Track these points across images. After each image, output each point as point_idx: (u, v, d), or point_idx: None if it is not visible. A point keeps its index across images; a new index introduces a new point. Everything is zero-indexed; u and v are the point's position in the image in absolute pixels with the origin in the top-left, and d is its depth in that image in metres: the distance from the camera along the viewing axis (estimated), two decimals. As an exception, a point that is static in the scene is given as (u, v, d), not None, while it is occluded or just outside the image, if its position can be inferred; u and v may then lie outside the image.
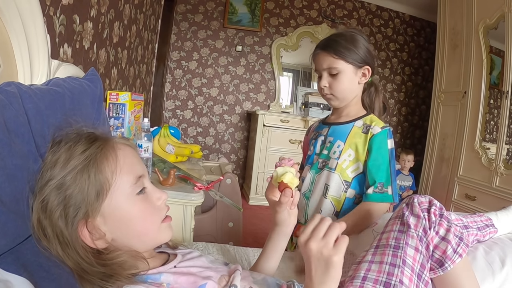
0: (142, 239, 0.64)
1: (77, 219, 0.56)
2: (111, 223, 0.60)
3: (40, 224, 0.57)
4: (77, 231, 0.57)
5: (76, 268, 0.57)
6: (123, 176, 0.60)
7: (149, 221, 0.63)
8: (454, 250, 0.78)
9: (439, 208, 0.83)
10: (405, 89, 4.43)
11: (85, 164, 0.57)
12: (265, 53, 4.06)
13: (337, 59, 1.12)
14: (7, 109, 0.62)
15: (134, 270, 0.60)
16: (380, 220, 1.14)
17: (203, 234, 2.08)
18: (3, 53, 0.76)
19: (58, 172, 0.56)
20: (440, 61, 3.36)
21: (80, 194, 0.56)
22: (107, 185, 0.58)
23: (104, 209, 0.59)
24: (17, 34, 0.78)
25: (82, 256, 0.57)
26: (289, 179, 0.80)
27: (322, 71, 1.16)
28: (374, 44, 4.25)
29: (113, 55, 1.79)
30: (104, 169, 0.58)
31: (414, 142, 4.52)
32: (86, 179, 0.56)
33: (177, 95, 3.95)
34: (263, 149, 3.55)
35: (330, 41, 1.15)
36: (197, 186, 1.36)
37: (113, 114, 1.64)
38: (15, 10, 0.74)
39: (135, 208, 0.61)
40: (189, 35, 3.89)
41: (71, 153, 0.58)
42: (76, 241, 0.57)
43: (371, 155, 1.13)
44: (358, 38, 1.15)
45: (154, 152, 1.82)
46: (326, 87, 1.17)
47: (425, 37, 4.37)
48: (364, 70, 1.16)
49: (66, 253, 0.57)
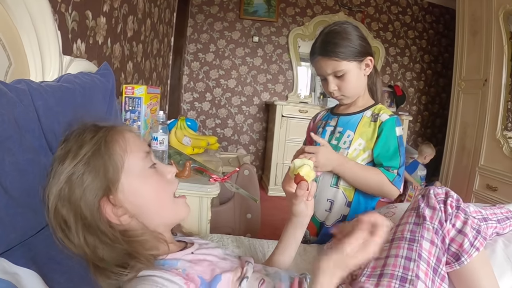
0: (161, 214, 0.66)
1: (98, 198, 0.59)
2: (131, 198, 0.62)
3: (58, 213, 0.58)
4: (100, 210, 0.59)
5: (94, 256, 0.58)
6: (134, 153, 0.64)
7: (164, 193, 0.67)
8: (471, 244, 0.75)
9: (456, 199, 0.81)
10: (424, 77, 4.30)
11: (96, 147, 0.60)
12: (282, 43, 4.00)
13: (339, 61, 1.10)
14: (17, 106, 0.63)
15: (155, 251, 0.62)
16: (397, 210, 1.11)
17: (221, 226, 2.09)
18: (14, 51, 0.78)
19: (71, 160, 0.59)
20: (459, 49, 3.27)
21: (97, 175, 0.59)
22: (121, 161, 0.61)
23: (122, 185, 0.61)
24: (27, 31, 0.79)
25: (107, 233, 0.58)
26: (305, 172, 0.81)
27: (327, 75, 1.15)
28: (392, 32, 4.13)
29: (128, 49, 1.80)
30: (115, 149, 0.62)
31: (435, 132, 4.40)
32: (100, 159, 0.59)
33: (195, 87, 3.97)
34: (282, 140, 3.53)
35: (327, 45, 1.11)
36: (213, 178, 1.36)
37: (129, 107, 1.66)
38: (23, 8, 0.76)
39: (150, 181, 0.65)
40: (205, 27, 3.88)
41: (81, 141, 0.61)
42: (99, 220, 0.59)
43: (379, 140, 1.12)
44: (350, 30, 1.12)
45: (171, 145, 1.84)
46: (335, 90, 1.16)
47: (444, 24, 4.22)
48: (366, 61, 1.15)
49: (86, 238, 0.58)
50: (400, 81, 4.24)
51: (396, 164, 1.10)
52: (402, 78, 4.24)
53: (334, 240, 0.67)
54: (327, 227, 1.20)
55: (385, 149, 1.11)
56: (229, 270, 0.67)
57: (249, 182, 2.22)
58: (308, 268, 1.10)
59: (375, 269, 0.77)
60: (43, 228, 0.66)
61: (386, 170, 1.10)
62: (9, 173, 0.59)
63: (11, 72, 0.77)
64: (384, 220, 0.61)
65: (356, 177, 1.11)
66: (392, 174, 1.09)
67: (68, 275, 0.63)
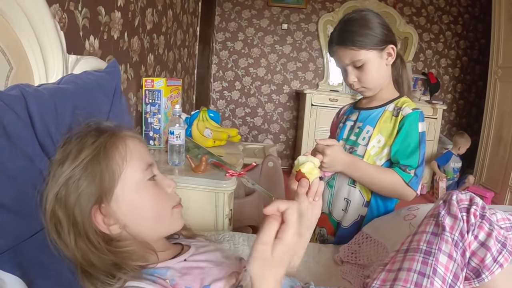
0: (154, 225, 0.64)
1: (91, 204, 0.57)
2: (124, 208, 0.60)
3: (54, 215, 0.57)
4: (91, 217, 0.58)
5: (84, 261, 0.57)
6: (133, 162, 0.62)
7: (161, 206, 0.65)
8: (494, 259, 0.67)
9: (481, 207, 0.72)
10: (460, 64, 4.04)
11: (96, 153, 0.58)
12: (311, 30, 3.89)
13: (357, 50, 1.02)
14: (7, 114, 0.63)
15: (142, 262, 0.60)
16: (418, 212, 1.03)
17: (245, 218, 2.08)
18: (15, 54, 0.78)
19: (70, 163, 0.57)
20: (496, 34, 3.03)
21: (93, 181, 0.57)
22: (118, 170, 0.59)
23: (117, 194, 0.59)
24: (26, 34, 0.78)
25: (94, 242, 0.57)
26: (307, 169, 0.78)
27: (346, 66, 1.07)
28: (425, 17, 3.89)
29: (148, 41, 1.80)
30: (114, 156, 0.60)
31: (470, 121, 4.15)
32: (98, 166, 0.58)
33: (224, 76, 3.95)
34: (312, 129, 3.46)
35: (344, 33, 1.04)
36: (229, 173, 1.34)
37: (149, 100, 1.67)
38: (19, 11, 0.75)
39: (147, 193, 0.63)
40: (233, 16, 3.83)
41: (82, 144, 0.59)
42: (89, 227, 0.57)
43: (399, 136, 1.04)
44: (370, 17, 1.04)
45: (193, 137, 1.83)
46: (355, 82, 1.08)
47: (481, 8, 3.90)
48: (388, 49, 1.06)
49: (77, 243, 0.57)
50: (434, 68, 4.01)
51: (414, 163, 1.02)
52: (436, 65, 4.02)
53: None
54: (344, 228, 1.14)
55: (404, 145, 1.03)
56: (220, 279, 0.64)
57: (273, 174, 2.19)
58: (321, 272, 1.06)
59: (385, 282, 0.71)
60: (35, 233, 0.66)
61: (403, 170, 1.02)
62: (-3, 181, 0.58)
63: (12, 76, 0.77)
64: (286, 204, 0.55)
65: (368, 179, 1.05)
66: (408, 175, 1.02)
67: (55, 279, 0.63)
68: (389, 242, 0.96)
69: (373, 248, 1.01)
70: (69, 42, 0.99)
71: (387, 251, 0.95)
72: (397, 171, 1.03)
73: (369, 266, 0.97)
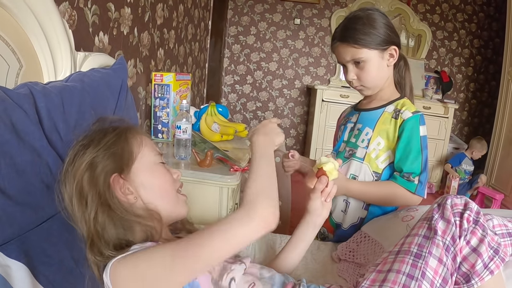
0: (164, 201, 0.71)
1: (112, 173, 0.65)
2: (140, 181, 0.68)
3: (80, 185, 0.63)
4: (111, 186, 0.65)
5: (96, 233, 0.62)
6: (148, 147, 0.72)
7: (168, 186, 0.74)
8: (484, 265, 0.67)
9: (476, 212, 0.72)
10: (473, 63, 3.97)
11: (117, 137, 0.68)
12: (324, 26, 3.86)
13: (359, 48, 1.02)
14: (16, 112, 0.66)
15: (150, 223, 0.66)
16: (417, 214, 1.03)
17: (251, 212, 2.10)
18: (24, 53, 0.81)
19: (94, 147, 0.66)
20: (510, 34, 2.95)
21: (114, 156, 0.66)
22: (136, 151, 0.70)
23: (133, 171, 0.68)
24: (34, 32, 0.81)
25: (114, 207, 0.64)
26: (329, 169, 0.85)
27: (346, 63, 1.07)
28: (439, 15, 3.83)
29: (158, 36, 1.82)
30: (132, 142, 0.70)
31: (482, 121, 4.09)
32: (119, 145, 0.67)
33: (236, 70, 3.96)
34: (322, 125, 3.46)
35: (347, 30, 1.04)
36: (233, 168, 1.36)
37: (158, 94, 1.70)
38: (27, 9, 0.78)
39: (159, 172, 0.72)
40: (245, 10, 3.83)
41: (104, 132, 0.69)
42: (110, 195, 0.64)
43: (400, 142, 1.04)
44: (376, 16, 1.03)
45: (201, 131, 1.86)
46: (355, 80, 1.08)
47: (496, 7, 3.82)
48: (390, 50, 1.05)
49: (96, 214, 0.63)
50: (447, 67, 3.95)
51: (417, 169, 1.01)
52: (449, 63, 3.96)
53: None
54: (343, 230, 1.15)
55: (406, 152, 1.03)
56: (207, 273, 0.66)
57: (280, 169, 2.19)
58: (317, 268, 1.07)
59: (374, 282, 0.72)
60: (40, 223, 0.69)
61: (406, 178, 1.02)
62: (5, 175, 0.62)
63: (22, 74, 0.80)
64: None
65: (366, 194, 1.08)
66: (412, 184, 1.02)
67: (57, 266, 0.68)
68: (386, 242, 0.97)
69: (371, 247, 1.02)
70: (78, 38, 1.03)
71: (384, 251, 0.96)
72: (400, 183, 1.03)
73: (365, 265, 0.98)
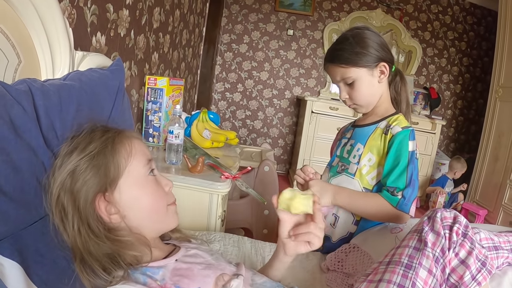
0: (151, 219, 0.68)
1: (95, 192, 0.61)
2: (126, 200, 0.64)
3: (60, 200, 0.61)
4: (94, 204, 0.61)
5: (83, 248, 0.60)
6: (138, 159, 0.67)
7: (159, 201, 0.69)
8: (472, 277, 0.69)
9: (464, 226, 0.74)
10: (462, 81, 4.09)
11: (104, 145, 0.63)
12: (317, 38, 3.92)
13: (347, 68, 1.04)
14: (14, 108, 0.65)
15: (137, 253, 0.63)
16: (405, 226, 1.05)
17: (238, 220, 2.10)
18: (24, 48, 0.80)
19: (78, 154, 0.62)
20: (499, 54, 3.03)
21: (99, 171, 0.61)
22: (123, 164, 0.64)
23: (120, 186, 0.64)
24: (36, 29, 0.81)
25: (94, 228, 0.61)
26: (288, 204, 0.71)
27: (337, 83, 1.10)
28: (430, 32, 3.94)
29: (154, 40, 1.82)
30: (120, 151, 0.65)
31: (469, 138, 4.20)
32: (104, 158, 0.62)
33: (227, 77, 3.98)
34: (310, 136, 3.48)
35: (335, 51, 1.06)
36: (224, 175, 1.36)
37: (151, 98, 1.70)
38: (30, 6, 0.77)
39: (148, 187, 0.67)
40: (240, 18, 3.87)
41: (91, 138, 0.64)
42: (91, 214, 0.61)
43: (388, 156, 1.03)
44: (365, 35, 1.04)
45: (192, 137, 1.85)
46: (347, 99, 1.10)
47: (486, 27, 3.97)
48: (380, 67, 1.06)
49: (80, 229, 0.60)
50: (436, 83, 4.05)
51: (402, 184, 0.99)
52: (438, 80, 4.06)
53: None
54: (332, 243, 1.15)
55: (393, 167, 1.01)
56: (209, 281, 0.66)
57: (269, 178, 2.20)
58: (306, 277, 1.08)
59: None
60: (34, 222, 0.68)
61: (391, 193, 1.00)
62: (2, 171, 0.61)
63: (20, 69, 0.80)
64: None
65: (352, 205, 1.06)
66: (395, 198, 0.99)
67: (50, 266, 0.67)
68: (375, 253, 0.98)
69: (359, 257, 1.02)
70: (76, 37, 1.02)
71: (372, 261, 0.97)
72: (384, 195, 1.01)
73: (353, 275, 0.99)
